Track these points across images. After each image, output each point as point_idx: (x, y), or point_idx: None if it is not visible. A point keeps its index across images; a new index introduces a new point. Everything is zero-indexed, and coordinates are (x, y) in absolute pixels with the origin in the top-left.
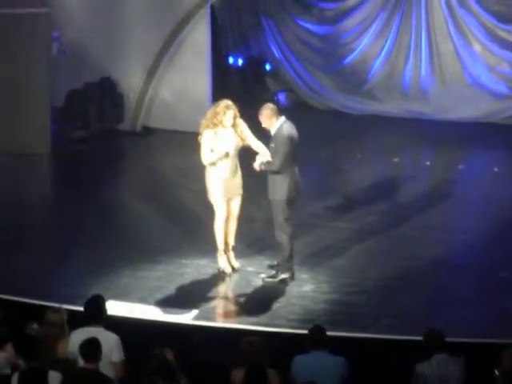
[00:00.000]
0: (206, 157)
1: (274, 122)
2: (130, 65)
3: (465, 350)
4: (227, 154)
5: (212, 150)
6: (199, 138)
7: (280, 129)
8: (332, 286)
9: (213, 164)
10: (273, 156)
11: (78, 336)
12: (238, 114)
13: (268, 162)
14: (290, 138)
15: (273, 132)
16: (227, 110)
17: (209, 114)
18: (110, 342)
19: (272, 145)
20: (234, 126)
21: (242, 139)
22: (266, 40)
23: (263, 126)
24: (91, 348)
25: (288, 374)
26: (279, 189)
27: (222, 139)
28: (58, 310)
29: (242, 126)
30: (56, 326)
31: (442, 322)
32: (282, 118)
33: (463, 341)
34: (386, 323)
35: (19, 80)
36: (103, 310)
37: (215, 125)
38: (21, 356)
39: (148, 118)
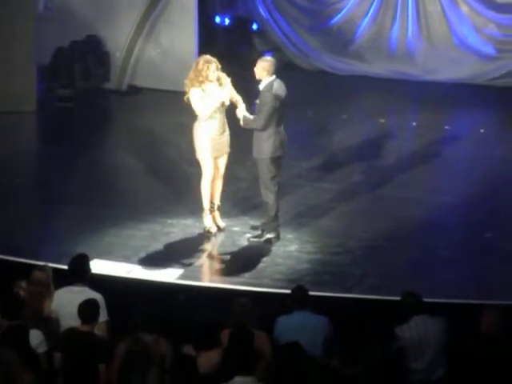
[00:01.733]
0: (202, 111)
1: (265, 76)
2: (117, 23)
3: (446, 310)
4: (223, 104)
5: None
6: (186, 97)
7: (268, 86)
8: (316, 246)
9: (210, 118)
10: (257, 113)
11: (62, 295)
12: (219, 67)
13: (252, 120)
14: (277, 97)
15: (261, 87)
16: (209, 64)
17: (191, 73)
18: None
19: (257, 101)
20: (218, 79)
21: (230, 92)
22: None
23: (256, 76)
24: (90, 310)
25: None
26: (264, 146)
27: (210, 95)
28: (43, 268)
29: (225, 79)
30: (42, 285)
31: (426, 282)
32: (273, 77)
33: (444, 301)
34: (369, 283)
35: (4, 38)
36: (87, 268)
37: (201, 82)
38: (5, 315)
39: (134, 76)
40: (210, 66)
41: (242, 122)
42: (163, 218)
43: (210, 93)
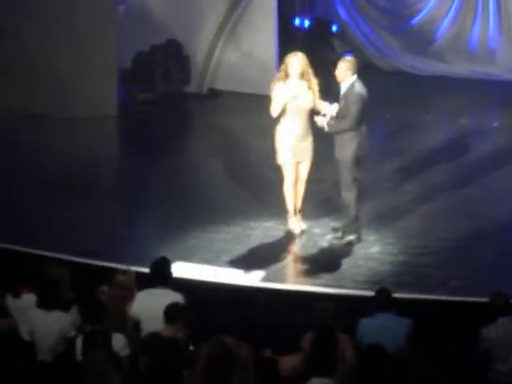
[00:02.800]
0: (273, 108)
1: (348, 76)
2: (197, 26)
3: None
4: (295, 97)
5: (285, 104)
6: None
7: (352, 86)
8: (398, 247)
9: (282, 119)
10: (343, 114)
11: (143, 297)
12: (308, 66)
13: (339, 122)
14: (363, 97)
15: (344, 88)
16: (293, 57)
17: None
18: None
19: (342, 102)
20: (306, 79)
21: (315, 97)
22: (332, 1)
23: (338, 78)
24: (175, 312)
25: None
26: (347, 147)
27: (291, 91)
28: (126, 272)
29: (313, 80)
30: (124, 288)
31: (510, 284)
32: (355, 77)
33: None
34: (452, 285)
35: (85, 42)
36: (169, 272)
37: (284, 76)
38: (87, 320)
39: (214, 80)
40: (292, 60)
41: (327, 129)
42: (245, 221)
43: (291, 89)
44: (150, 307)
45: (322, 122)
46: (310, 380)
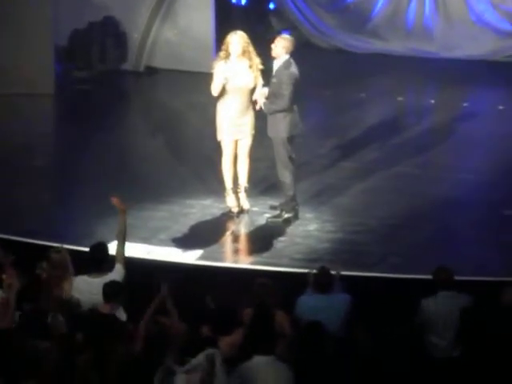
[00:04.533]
0: (213, 87)
1: (283, 54)
2: (134, 4)
3: (468, 288)
4: (236, 76)
5: (225, 83)
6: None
7: (286, 65)
8: (336, 224)
9: (222, 96)
10: (275, 92)
11: (79, 284)
12: (249, 44)
13: (273, 102)
14: (296, 77)
15: (276, 66)
16: (233, 36)
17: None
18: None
19: (274, 79)
20: (247, 58)
21: (255, 76)
22: None
23: (273, 54)
24: (112, 289)
25: (292, 314)
26: (279, 126)
27: (233, 70)
28: (60, 250)
29: (255, 59)
30: (59, 267)
31: (448, 260)
32: (288, 56)
33: (465, 279)
34: (391, 262)
35: (21, 20)
36: (106, 257)
37: (225, 55)
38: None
39: (152, 57)
40: (233, 38)
41: (263, 107)
42: (183, 199)
43: (232, 69)
44: (87, 295)
45: (259, 102)
46: (251, 358)
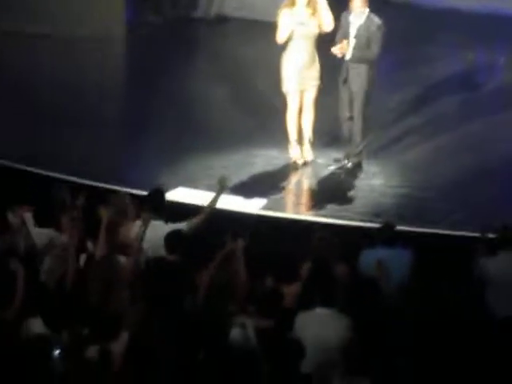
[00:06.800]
0: (279, 35)
1: (365, 7)
2: None
3: None
4: (302, 24)
5: (291, 30)
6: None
7: (372, 17)
8: (401, 180)
9: (288, 46)
10: (362, 44)
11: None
12: None
13: (362, 50)
14: (383, 29)
15: (363, 19)
16: None
17: None
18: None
19: (361, 31)
20: (312, 7)
21: (320, 24)
22: None
23: (359, 5)
24: (172, 240)
25: (355, 267)
26: (364, 79)
27: (298, 20)
28: (120, 195)
29: (323, 4)
30: (120, 210)
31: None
32: (367, 10)
33: None
34: (455, 219)
35: None
36: (162, 203)
37: (291, 3)
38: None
39: (222, 5)
40: None
41: (348, 56)
42: (248, 149)
43: (297, 18)
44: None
45: (340, 48)
46: (314, 309)
